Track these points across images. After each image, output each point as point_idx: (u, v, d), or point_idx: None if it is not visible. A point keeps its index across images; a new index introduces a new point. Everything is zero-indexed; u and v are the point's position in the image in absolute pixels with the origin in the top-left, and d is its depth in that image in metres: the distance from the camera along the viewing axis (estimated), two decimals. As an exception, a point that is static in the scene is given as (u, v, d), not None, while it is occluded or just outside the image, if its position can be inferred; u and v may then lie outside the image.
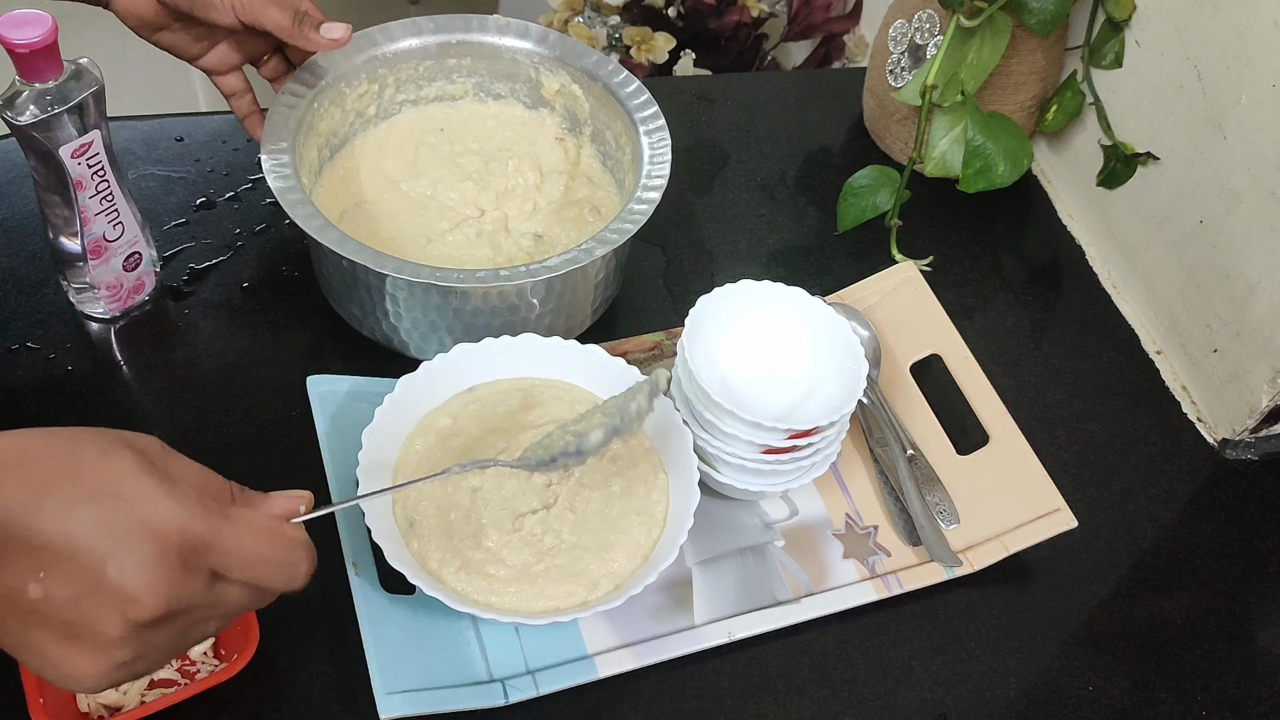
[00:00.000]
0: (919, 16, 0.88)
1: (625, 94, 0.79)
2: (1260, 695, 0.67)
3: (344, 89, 0.79)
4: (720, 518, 0.70)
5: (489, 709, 0.60)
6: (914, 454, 0.73)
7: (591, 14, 1.37)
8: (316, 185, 0.79)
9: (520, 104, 0.85)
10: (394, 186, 0.81)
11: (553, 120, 0.85)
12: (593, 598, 0.62)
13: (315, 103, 0.77)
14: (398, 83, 0.82)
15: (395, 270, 0.67)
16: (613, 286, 0.79)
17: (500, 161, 0.83)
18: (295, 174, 0.72)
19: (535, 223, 0.81)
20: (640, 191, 0.73)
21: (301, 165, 0.74)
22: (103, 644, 0.42)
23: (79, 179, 0.68)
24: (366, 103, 0.82)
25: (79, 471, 0.43)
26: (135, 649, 0.43)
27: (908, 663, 0.66)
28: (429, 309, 0.71)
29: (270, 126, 0.73)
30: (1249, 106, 0.74)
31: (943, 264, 0.87)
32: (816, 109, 1.00)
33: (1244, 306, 0.76)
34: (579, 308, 0.77)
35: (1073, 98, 0.90)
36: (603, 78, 0.80)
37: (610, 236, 0.71)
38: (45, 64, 0.63)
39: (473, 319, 0.72)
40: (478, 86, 0.85)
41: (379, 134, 0.83)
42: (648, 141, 0.76)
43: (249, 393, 0.74)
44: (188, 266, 0.80)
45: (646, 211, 0.72)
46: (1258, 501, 0.77)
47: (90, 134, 0.67)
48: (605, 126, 0.82)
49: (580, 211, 0.81)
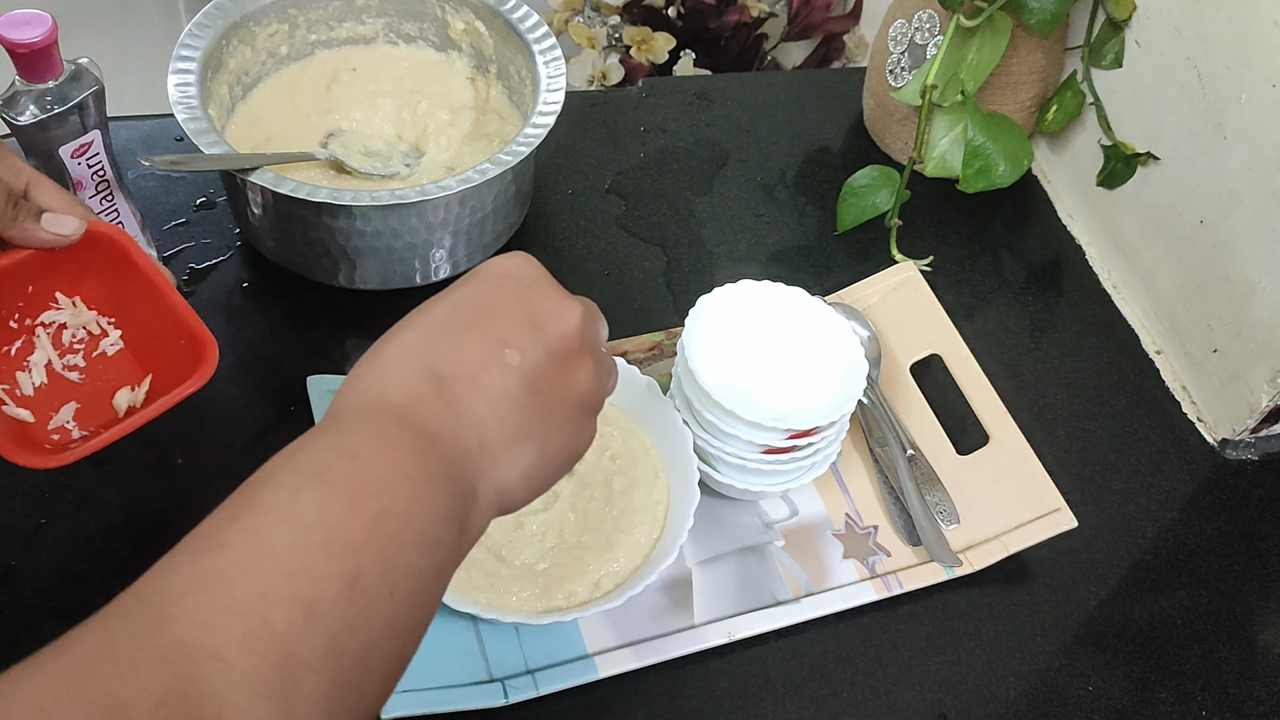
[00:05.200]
0: (919, 16, 0.88)
1: (525, 28, 0.82)
2: (1260, 695, 0.67)
3: (253, 28, 0.81)
4: (720, 518, 0.70)
5: (489, 709, 0.60)
6: (914, 454, 0.73)
7: (591, 14, 1.37)
8: (229, 122, 0.81)
9: (430, 47, 0.88)
10: (305, 120, 0.83)
11: (462, 62, 0.88)
12: (595, 597, 0.62)
13: (224, 40, 0.79)
14: (308, 23, 0.85)
15: (292, 191, 0.69)
16: (514, 214, 0.82)
17: (411, 107, 0.85)
18: (202, 107, 0.73)
19: (448, 156, 0.83)
20: (535, 116, 0.76)
21: (211, 100, 0.76)
22: (595, 362, 0.47)
23: (79, 179, 0.68)
24: (278, 42, 0.84)
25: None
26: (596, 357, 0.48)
27: (908, 663, 0.66)
28: (336, 233, 0.74)
29: (179, 55, 0.75)
30: (1249, 106, 0.74)
31: (943, 264, 0.87)
32: (816, 109, 1.00)
33: (1244, 306, 0.76)
34: (481, 232, 0.78)
35: (1073, 98, 0.90)
36: (504, 13, 0.83)
37: (504, 159, 0.73)
38: (45, 64, 0.63)
39: (374, 241, 0.74)
40: (388, 27, 0.87)
41: (291, 74, 0.85)
42: (545, 71, 0.79)
43: (249, 392, 0.74)
44: (188, 266, 0.80)
45: (540, 134, 0.75)
46: (1258, 501, 0.77)
47: (90, 134, 0.67)
48: (509, 61, 0.85)
49: (490, 144, 0.83)
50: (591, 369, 0.47)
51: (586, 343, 0.47)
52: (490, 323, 0.45)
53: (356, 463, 0.39)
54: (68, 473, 0.68)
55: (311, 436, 0.41)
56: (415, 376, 0.43)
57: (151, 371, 0.65)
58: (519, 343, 0.44)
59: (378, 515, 0.38)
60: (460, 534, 0.41)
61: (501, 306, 0.45)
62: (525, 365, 0.44)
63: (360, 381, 0.43)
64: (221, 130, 0.77)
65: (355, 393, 0.43)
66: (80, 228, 0.60)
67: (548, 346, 0.45)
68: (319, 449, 0.40)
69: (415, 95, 0.86)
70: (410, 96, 0.85)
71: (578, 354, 0.46)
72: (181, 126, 0.72)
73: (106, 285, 0.65)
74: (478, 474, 0.42)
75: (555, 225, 0.87)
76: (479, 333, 0.44)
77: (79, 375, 0.65)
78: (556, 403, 0.45)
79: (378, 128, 0.84)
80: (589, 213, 0.88)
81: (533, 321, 0.45)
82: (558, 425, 0.45)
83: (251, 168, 0.71)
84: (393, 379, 0.43)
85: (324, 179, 0.79)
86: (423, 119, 0.84)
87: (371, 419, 0.42)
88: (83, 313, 0.65)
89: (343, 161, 0.80)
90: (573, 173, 0.91)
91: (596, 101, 0.98)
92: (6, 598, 0.63)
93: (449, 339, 0.44)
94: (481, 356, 0.44)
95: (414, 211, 0.73)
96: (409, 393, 0.42)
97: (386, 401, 0.42)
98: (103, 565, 0.65)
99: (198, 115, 0.73)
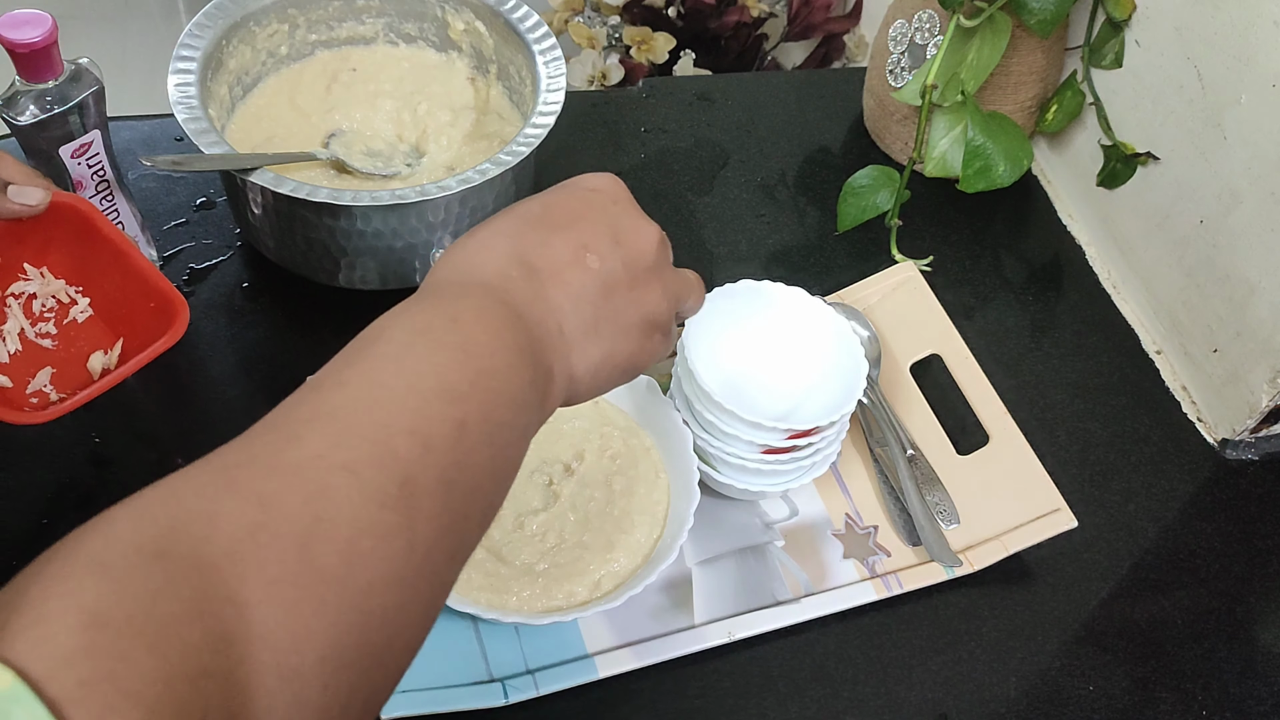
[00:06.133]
0: (919, 16, 0.88)
1: (525, 28, 0.82)
2: (1260, 695, 0.67)
3: (253, 28, 0.81)
4: (720, 518, 0.70)
5: (489, 709, 0.60)
6: (914, 454, 0.73)
7: (591, 14, 1.37)
8: (229, 122, 0.81)
9: (430, 47, 0.88)
10: (305, 120, 0.83)
11: (462, 63, 0.88)
12: (595, 597, 0.62)
13: (224, 40, 0.79)
14: (308, 23, 0.85)
15: (292, 191, 0.69)
16: None
17: (411, 108, 0.85)
18: (202, 107, 0.74)
19: (448, 156, 0.83)
20: (535, 116, 0.76)
21: (211, 100, 0.76)
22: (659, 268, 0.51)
23: (79, 179, 0.68)
24: (278, 42, 0.84)
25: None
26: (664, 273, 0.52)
27: (908, 663, 0.66)
28: (336, 233, 0.74)
29: (179, 55, 0.76)
30: (1249, 106, 0.74)
31: (943, 264, 0.87)
32: (816, 109, 1.00)
33: (1244, 306, 0.76)
34: None
35: (1073, 98, 0.90)
36: (504, 13, 0.83)
37: (504, 159, 0.73)
38: (45, 64, 0.63)
39: (375, 241, 0.74)
40: (388, 27, 0.87)
41: (291, 74, 0.85)
42: (545, 71, 0.79)
43: (249, 393, 0.74)
44: (188, 266, 0.80)
45: (540, 134, 0.75)
46: (1258, 501, 0.77)
47: (90, 134, 0.67)
48: (509, 61, 0.84)
49: (490, 145, 0.83)
50: (659, 289, 0.51)
51: (658, 264, 0.51)
52: (576, 226, 0.49)
53: (460, 325, 0.43)
54: (69, 473, 0.68)
55: (414, 301, 0.45)
56: (507, 260, 0.47)
57: (123, 335, 0.67)
58: (600, 249, 0.48)
59: (480, 372, 0.42)
60: (541, 403, 0.45)
61: (588, 215, 0.49)
62: (603, 270, 0.48)
63: (454, 260, 0.47)
64: (221, 130, 0.77)
65: (450, 269, 0.47)
66: (46, 197, 0.62)
67: (624, 259, 0.49)
68: (424, 311, 0.44)
69: (415, 96, 0.86)
70: (410, 97, 0.86)
71: (649, 271, 0.50)
72: (181, 126, 0.72)
73: (72, 254, 0.66)
74: (555, 356, 0.46)
75: (555, 225, 0.87)
76: (566, 234, 0.48)
77: (52, 342, 0.67)
78: (625, 311, 0.49)
79: (378, 128, 0.84)
80: (589, 213, 0.88)
81: (614, 234, 0.49)
82: (624, 332, 0.49)
83: (251, 168, 0.71)
84: (486, 260, 0.47)
85: (324, 179, 0.79)
86: (423, 119, 0.84)
87: (470, 290, 0.45)
88: (51, 282, 0.67)
89: (344, 162, 0.80)
90: (573, 173, 0.90)
91: (596, 102, 0.98)
92: (7, 598, 0.63)
93: (538, 234, 0.48)
94: (566, 255, 0.48)
95: (414, 211, 0.73)
96: (501, 273, 0.46)
97: (481, 278, 0.46)
98: (103, 565, 0.65)
99: (198, 115, 0.73)
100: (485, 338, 0.43)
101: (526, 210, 0.49)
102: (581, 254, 0.48)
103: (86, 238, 0.65)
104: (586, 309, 0.47)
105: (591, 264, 0.48)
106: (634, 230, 0.50)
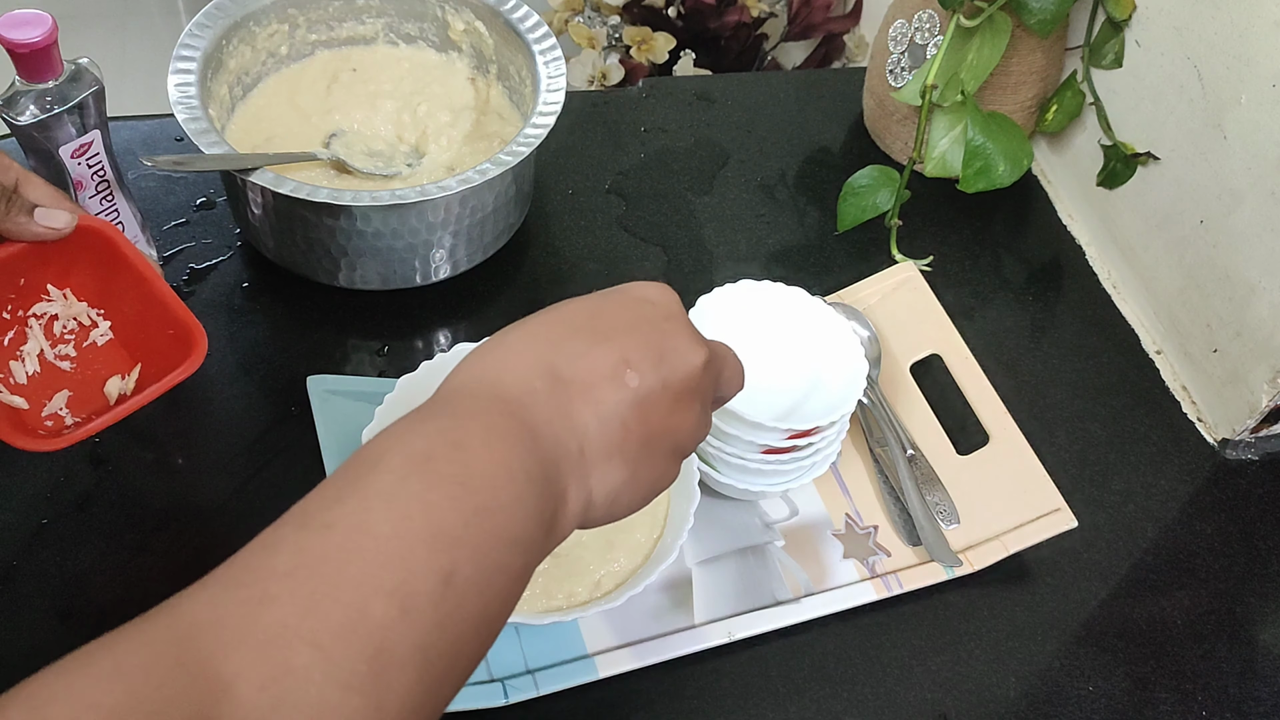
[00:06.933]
0: (919, 16, 0.88)
1: (525, 28, 0.82)
2: (1261, 695, 0.67)
3: (253, 28, 0.81)
4: (720, 518, 0.70)
5: (489, 709, 0.60)
6: (914, 454, 0.73)
7: (591, 14, 1.37)
8: (230, 122, 0.81)
9: (430, 47, 0.88)
10: (305, 120, 0.83)
11: (463, 63, 0.88)
12: (595, 597, 0.62)
13: (224, 40, 0.79)
14: (308, 23, 0.85)
15: (292, 191, 0.69)
16: (515, 214, 0.82)
17: (411, 108, 0.85)
18: (202, 107, 0.74)
19: (448, 156, 0.83)
20: (535, 116, 0.76)
21: (211, 100, 0.76)
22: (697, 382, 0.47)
23: (79, 179, 0.68)
24: (278, 42, 0.84)
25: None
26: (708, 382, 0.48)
27: (908, 663, 0.66)
28: (336, 233, 0.74)
29: (178, 57, 0.76)
30: (1249, 106, 0.74)
31: (943, 264, 0.87)
32: (816, 109, 1.00)
33: (1244, 306, 0.76)
34: (481, 232, 0.78)
35: (1073, 98, 0.90)
36: (504, 13, 0.83)
37: (504, 159, 0.73)
38: (45, 64, 0.63)
39: (375, 241, 0.74)
40: (388, 27, 0.87)
41: (291, 74, 0.85)
42: (545, 71, 0.79)
43: (249, 392, 0.74)
44: (188, 266, 0.80)
45: (540, 134, 0.75)
46: (1258, 501, 0.77)
47: (90, 134, 0.67)
48: (509, 61, 0.85)
49: (490, 145, 0.83)
50: (697, 415, 0.47)
51: (702, 389, 0.47)
52: (620, 339, 0.45)
53: (463, 453, 0.40)
54: (68, 473, 0.68)
55: (423, 416, 0.42)
56: (534, 371, 0.43)
57: (141, 361, 0.66)
58: (642, 367, 0.44)
59: (478, 510, 0.39)
60: (547, 536, 0.42)
61: (635, 327, 0.46)
62: (641, 390, 0.44)
63: (480, 364, 0.44)
64: (222, 130, 0.77)
65: (472, 376, 0.44)
66: (72, 221, 0.62)
67: (666, 380, 0.45)
68: (428, 433, 0.41)
69: (415, 96, 0.86)
70: (410, 97, 0.86)
71: (690, 396, 0.46)
72: (181, 126, 0.72)
73: (95, 277, 0.66)
74: (571, 479, 0.43)
75: (555, 225, 0.87)
76: (607, 345, 0.44)
77: (70, 365, 0.66)
78: (657, 435, 0.45)
79: (378, 128, 0.84)
80: (589, 213, 0.88)
81: (660, 351, 0.45)
82: (650, 457, 0.45)
83: (252, 168, 0.71)
84: (512, 369, 0.44)
85: (325, 179, 0.79)
86: (423, 120, 0.84)
87: (484, 407, 0.42)
88: (73, 304, 0.67)
89: (345, 162, 0.80)
90: (573, 173, 0.91)
91: (596, 102, 0.98)
92: (8, 598, 0.63)
93: (578, 343, 0.44)
94: (603, 369, 0.44)
95: (414, 212, 0.73)
96: (525, 387, 0.43)
97: (501, 391, 0.43)
98: (103, 565, 0.65)
99: (198, 115, 0.73)
100: (490, 468, 0.40)
101: (571, 314, 0.46)
102: (621, 369, 0.44)
103: (110, 262, 0.64)
104: (615, 429, 0.44)
105: (630, 381, 0.44)
106: (683, 350, 0.46)
